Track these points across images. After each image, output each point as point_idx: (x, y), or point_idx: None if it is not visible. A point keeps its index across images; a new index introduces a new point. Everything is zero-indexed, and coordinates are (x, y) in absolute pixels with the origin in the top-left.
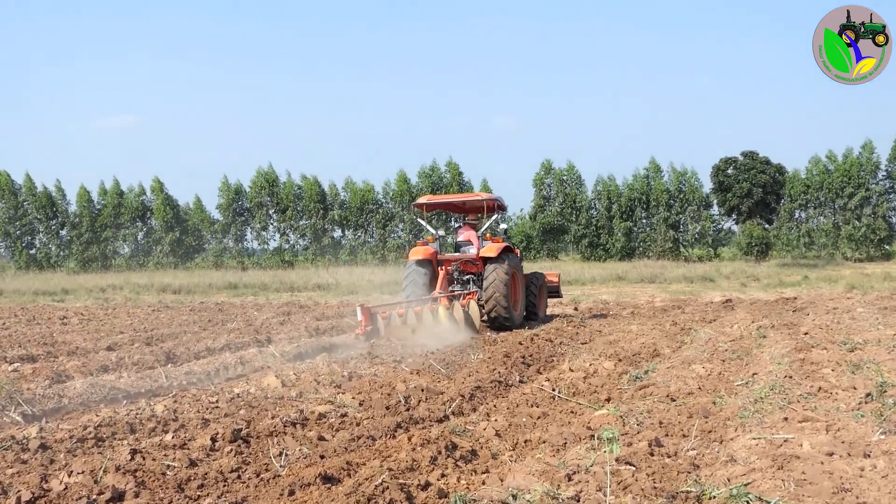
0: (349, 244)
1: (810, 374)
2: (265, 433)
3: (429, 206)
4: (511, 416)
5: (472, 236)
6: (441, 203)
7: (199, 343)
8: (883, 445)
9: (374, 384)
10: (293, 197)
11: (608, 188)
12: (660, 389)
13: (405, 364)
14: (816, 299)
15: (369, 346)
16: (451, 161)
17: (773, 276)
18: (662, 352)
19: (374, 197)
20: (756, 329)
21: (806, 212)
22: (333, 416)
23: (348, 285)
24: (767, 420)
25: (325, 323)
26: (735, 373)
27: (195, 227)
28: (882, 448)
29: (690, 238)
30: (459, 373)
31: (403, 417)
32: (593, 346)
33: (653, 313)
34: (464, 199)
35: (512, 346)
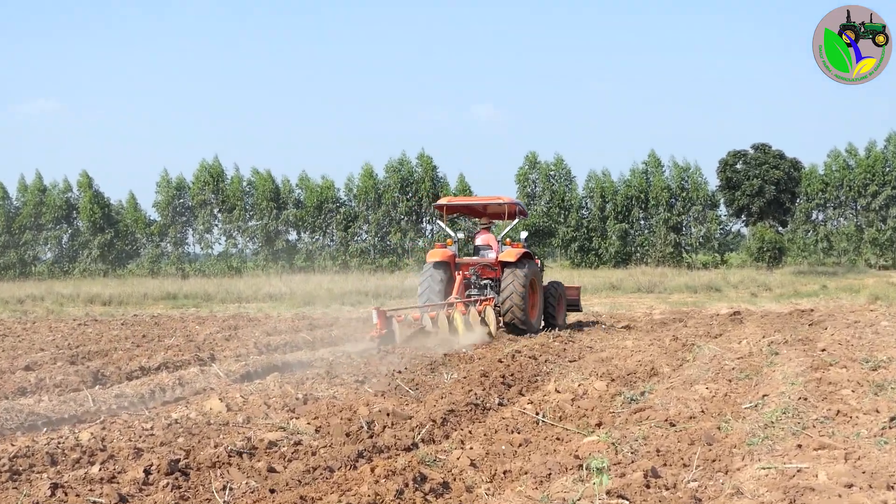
0: (306, 248)
1: (827, 395)
2: (207, 464)
3: (449, 207)
4: (489, 444)
5: (490, 240)
6: (461, 206)
7: (131, 362)
8: None
9: (333, 408)
10: (242, 194)
11: (601, 185)
12: (657, 413)
13: (368, 385)
14: (835, 311)
15: (327, 365)
16: (423, 154)
17: (786, 286)
18: (661, 371)
19: (335, 195)
20: (767, 345)
21: (824, 213)
22: (286, 444)
23: (304, 295)
24: (779, 447)
25: (277, 338)
26: (743, 394)
27: (128, 228)
28: None
29: (694, 242)
30: (430, 394)
31: (366, 445)
32: (583, 364)
33: (651, 327)
34: (485, 202)
35: (490, 364)
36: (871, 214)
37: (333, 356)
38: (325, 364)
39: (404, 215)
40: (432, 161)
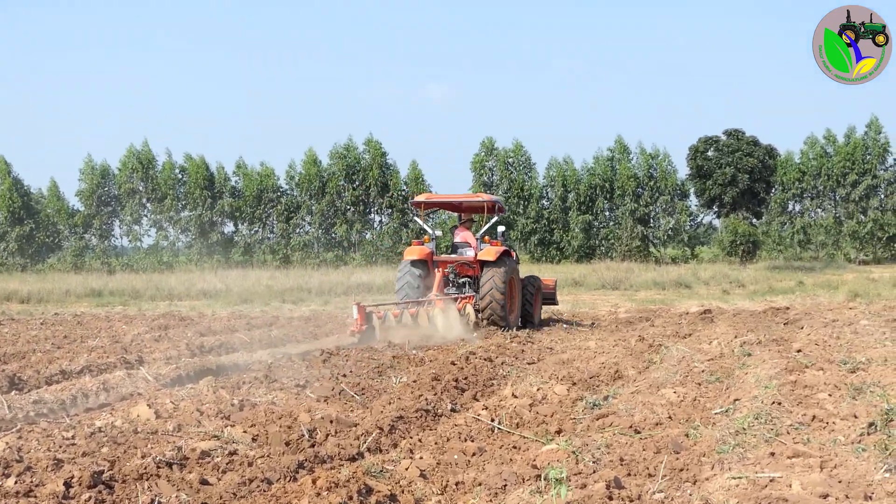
0: (243, 241)
1: (803, 399)
2: (133, 476)
3: (427, 204)
4: (440, 453)
5: (468, 237)
6: (439, 202)
7: (51, 365)
8: (888, 485)
9: (272, 414)
10: (173, 182)
11: (563, 173)
12: (622, 419)
13: (311, 389)
14: (812, 309)
15: (266, 369)
16: (371, 139)
17: (761, 282)
18: (626, 373)
19: (275, 183)
20: (739, 346)
21: (801, 204)
22: (220, 454)
23: (242, 292)
24: (750, 455)
25: (211, 339)
26: (713, 399)
27: (50, 219)
28: (886, 489)
29: (662, 235)
30: (377, 400)
31: (307, 455)
32: (542, 367)
33: (616, 326)
34: (463, 199)
35: (443, 366)
36: (850, 206)
37: (273, 358)
38: (264, 367)
39: (351, 206)
40: (381, 146)
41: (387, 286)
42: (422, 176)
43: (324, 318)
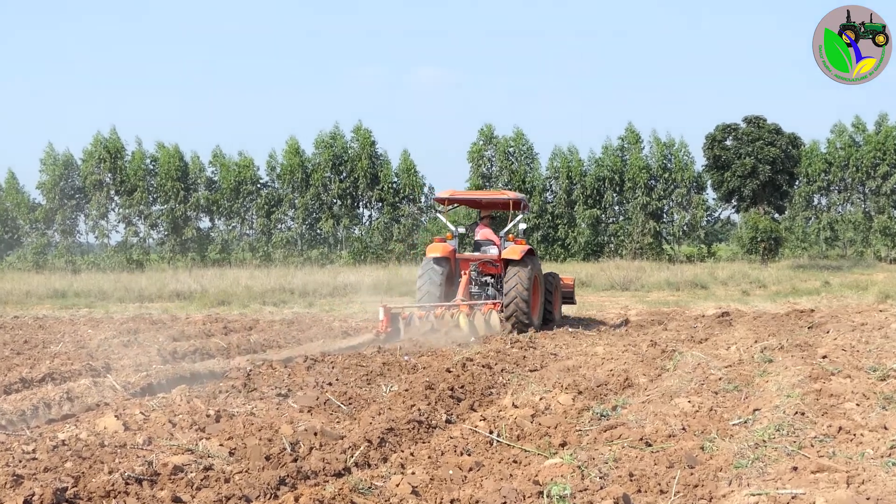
0: (220, 238)
1: (828, 409)
2: (100, 493)
3: (450, 200)
4: (434, 468)
5: (490, 234)
6: (463, 199)
7: (10, 372)
8: None
9: (251, 426)
10: (144, 173)
11: (568, 164)
12: (631, 431)
13: (293, 399)
14: (839, 312)
15: (244, 376)
16: (359, 126)
17: (783, 282)
18: (637, 381)
19: (255, 174)
20: (760, 351)
21: (828, 197)
22: (194, 469)
23: (218, 293)
24: (771, 470)
25: (185, 344)
26: (731, 409)
27: (8, 213)
28: None
29: (677, 231)
30: (366, 410)
31: (289, 471)
32: (545, 374)
33: (626, 331)
34: (487, 196)
35: (437, 373)
36: (881, 199)
37: (252, 365)
38: (242, 375)
39: (337, 199)
40: (371, 135)
41: (376, 287)
42: (414, 167)
43: (308, 322)
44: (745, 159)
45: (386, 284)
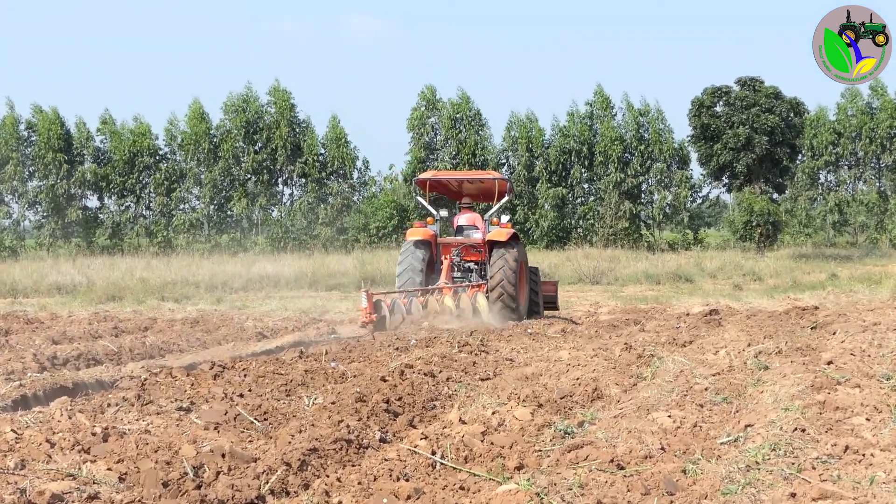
0: (111, 220)
1: (833, 425)
2: None
3: (432, 183)
4: (365, 496)
5: (475, 220)
6: (447, 178)
7: None
8: None
9: (146, 447)
10: (17, 143)
11: (527, 134)
12: (601, 451)
13: (197, 414)
14: (848, 310)
15: (138, 387)
16: (276, 86)
17: (783, 274)
18: (608, 392)
19: (152, 144)
20: (754, 356)
21: (836, 174)
22: (76, 498)
23: (108, 286)
24: (765, 497)
25: (67, 348)
26: (718, 425)
27: None
28: None
29: (657, 214)
30: (284, 427)
31: (191, 499)
32: (499, 384)
33: (596, 331)
34: (471, 176)
35: (370, 383)
36: None
37: (148, 373)
38: (136, 385)
39: (252, 174)
40: (290, 97)
41: (298, 279)
42: (344, 136)
43: (216, 321)
44: (739, 129)
45: (310, 276)
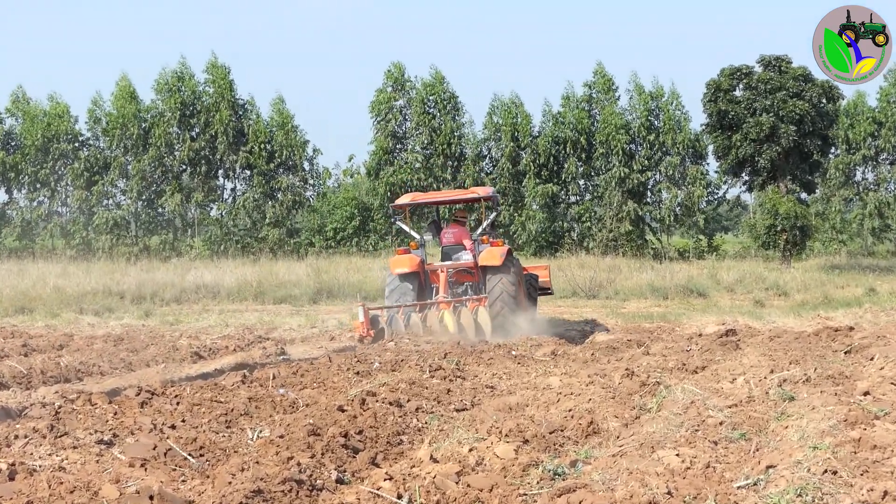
0: (20, 217)
1: (870, 467)
2: None
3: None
4: None
5: (462, 237)
6: (428, 202)
7: None
8: None
9: (60, 487)
10: None
11: (512, 121)
12: (597, 496)
13: (120, 448)
14: (888, 331)
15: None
16: (214, 62)
17: (812, 288)
18: (605, 426)
19: (71, 127)
20: (777, 385)
21: (876, 171)
22: None
23: (16, 296)
24: None
25: None
26: (736, 465)
27: None
28: None
29: (666, 216)
30: (224, 465)
31: None
32: (478, 416)
33: (592, 354)
34: (455, 196)
35: (326, 413)
36: None
37: (63, 400)
38: (49, 413)
39: (187, 164)
40: (229, 74)
41: (241, 289)
42: (292, 120)
43: (143, 339)
44: (762, 116)
45: (256, 286)
